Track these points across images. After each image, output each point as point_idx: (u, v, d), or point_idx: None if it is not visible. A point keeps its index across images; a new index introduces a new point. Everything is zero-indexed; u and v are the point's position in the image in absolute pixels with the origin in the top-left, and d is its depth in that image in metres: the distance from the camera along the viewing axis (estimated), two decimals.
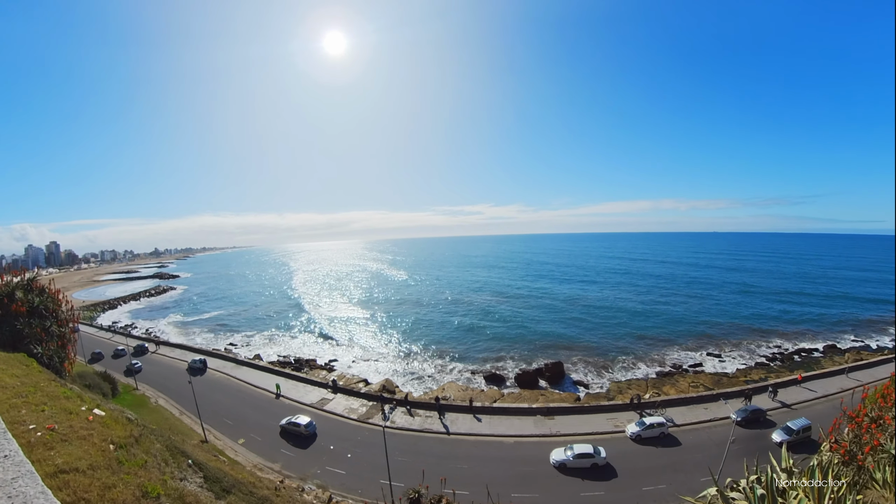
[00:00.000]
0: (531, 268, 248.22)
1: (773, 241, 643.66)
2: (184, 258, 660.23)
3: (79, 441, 8.21)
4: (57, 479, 6.40)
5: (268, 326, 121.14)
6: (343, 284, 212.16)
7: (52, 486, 5.33)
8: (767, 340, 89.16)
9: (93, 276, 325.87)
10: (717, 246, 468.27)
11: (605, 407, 53.97)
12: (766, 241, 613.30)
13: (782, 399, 53.68)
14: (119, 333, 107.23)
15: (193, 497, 8.98)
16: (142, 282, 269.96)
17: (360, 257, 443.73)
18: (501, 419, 51.97)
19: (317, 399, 60.31)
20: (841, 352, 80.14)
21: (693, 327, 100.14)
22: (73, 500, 5.96)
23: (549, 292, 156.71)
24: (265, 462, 43.90)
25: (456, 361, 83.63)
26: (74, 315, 18.39)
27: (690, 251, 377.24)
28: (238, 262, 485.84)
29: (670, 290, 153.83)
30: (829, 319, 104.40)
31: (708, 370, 73.67)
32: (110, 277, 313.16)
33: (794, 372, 66.48)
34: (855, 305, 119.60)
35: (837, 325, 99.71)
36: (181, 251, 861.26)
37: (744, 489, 6.41)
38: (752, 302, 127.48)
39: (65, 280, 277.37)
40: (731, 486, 6.89)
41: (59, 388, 11.68)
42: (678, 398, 55.95)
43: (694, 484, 35.19)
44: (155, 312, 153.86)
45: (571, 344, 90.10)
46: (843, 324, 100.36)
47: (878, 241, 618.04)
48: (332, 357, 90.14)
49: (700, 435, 46.41)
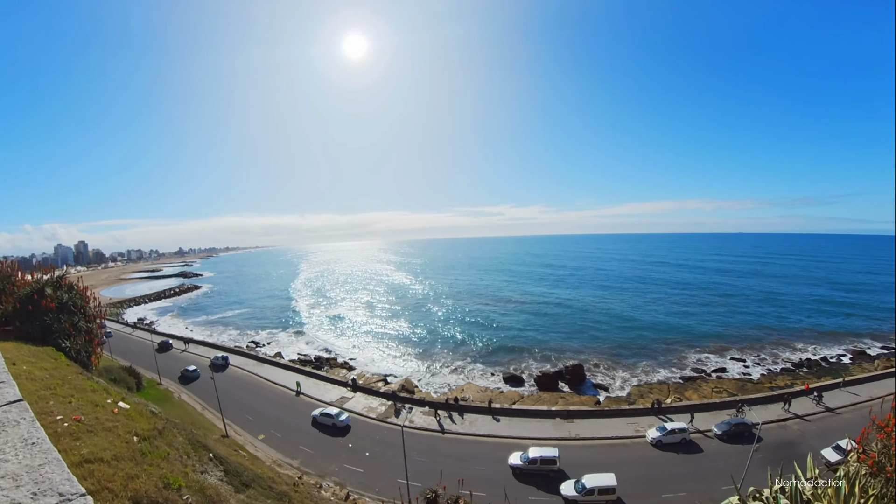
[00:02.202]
0: (552, 270, 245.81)
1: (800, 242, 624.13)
2: (207, 258, 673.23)
3: (104, 432, 8.39)
4: (82, 468, 6.55)
5: (289, 325, 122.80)
6: (362, 285, 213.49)
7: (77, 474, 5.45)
8: (794, 346, 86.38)
9: (119, 275, 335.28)
10: (742, 248, 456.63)
11: (626, 411, 53.20)
12: (794, 242, 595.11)
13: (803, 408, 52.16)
14: (144, 330, 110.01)
15: (214, 490, 9.10)
16: (166, 280, 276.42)
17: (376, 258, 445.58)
18: (520, 421, 51.68)
19: (336, 397, 60.87)
20: (871, 358, 77.26)
21: (716, 332, 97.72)
22: (97, 489, 6.09)
23: (570, 294, 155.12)
24: (284, 458, 44.47)
25: (475, 362, 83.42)
26: (101, 311, 18.88)
27: (715, 253, 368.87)
28: (259, 261, 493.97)
29: (694, 293, 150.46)
30: (858, 325, 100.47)
31: (732, 375, 71.93)
32: (136, 276, 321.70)
33: (822, 378, 64.51)
34: (884, 309, 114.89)
35: (867, 330, 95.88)
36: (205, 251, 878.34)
37: (767, 499, 6.21)
38: (778, 306, 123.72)
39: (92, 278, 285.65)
40: (753, 495, 6.69)
41: (85, 381, 11.98)
42: (701, 403, 54.81)
43: (715, 493, 34.26)
44: (179, 310, 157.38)
45: (592, 347, 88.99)
46: (872, 329, 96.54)
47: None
48: (352, 356, 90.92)
49: (723, 441, 45.39)
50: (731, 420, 47.31)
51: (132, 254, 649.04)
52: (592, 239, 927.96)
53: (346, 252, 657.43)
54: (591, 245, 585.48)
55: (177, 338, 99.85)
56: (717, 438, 45.61)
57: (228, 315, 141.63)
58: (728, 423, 46.80)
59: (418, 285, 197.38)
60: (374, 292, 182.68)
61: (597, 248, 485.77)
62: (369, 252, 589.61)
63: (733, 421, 46.93)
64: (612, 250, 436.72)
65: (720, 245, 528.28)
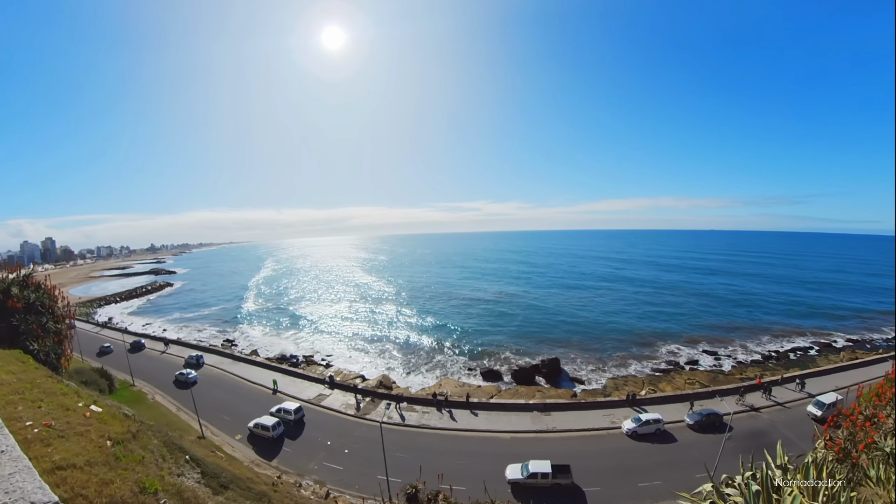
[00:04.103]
0: (528, 266, 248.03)
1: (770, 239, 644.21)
2: (180, 254, 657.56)
3: (76, 437, 8.23)
4: (55, 475, 6.42)
5: (265, 322, 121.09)
6: (337, 281, 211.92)
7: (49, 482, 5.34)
8: (763, 339, 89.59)
9: (89, 273, 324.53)
10: (715, 245, 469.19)
11: (602, 403, 54.27)
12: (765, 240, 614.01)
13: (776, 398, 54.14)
14: (115, 330, 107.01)
15: (191, 492, 8.99)
16: (138, 278, 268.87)
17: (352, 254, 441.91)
18: (499, 415, 52.19)
19: (314, 395, 60.40)
20: (836, 350, 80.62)
21: (688, 326, 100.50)
22: (71, 496, 5.98)
23: (546, 291, 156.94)
24: (262, 458, 43.99)
25: (452, 358, 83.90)
26: (71, 311, 18.34)
27: (688, 250, 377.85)
28: (233, 257, 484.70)
29: (666, 289, 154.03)
30: (825, 318, 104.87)
31: (704, 368, 74.06)
32: (106, 273, 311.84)
33: (790, 370, 67.05)
34: (850, 305, 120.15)
35: (832, 324, 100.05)
36: (178, 247, 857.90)
37: (739, 485, 6.46)
38: (749, 301, 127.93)
39: (61, 276, 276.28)
40: (726, 482, 6.93)
41: (55, 384, 11.68)
42: (674, 395, 56.31)
43: (690, 481, 35.25)
44: (151, 308, 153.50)
45: (568, 341, 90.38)
46: (838, 323, 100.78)
47: (875, 242, 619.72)
48: (329, 353, 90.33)
49: (695, 431, 46.75)
50: (703, 410, 48.74)
51: (102, 250, 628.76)
52: (569, 235, 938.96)
53: (315, 248, 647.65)
54: (567, 241, 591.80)
55: (149, 337, 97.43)
56: (690, 428, 47.00)
57: (204, 313, 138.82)
58: (700, 413, 48.24)
59: (393, 283, 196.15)
60: (349, 290, 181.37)
61: (573, 245, 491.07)
62: (340, 249, 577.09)
63: (705, 411, 48.37)
64: (588, 247, 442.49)
65: (694, 242, 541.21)
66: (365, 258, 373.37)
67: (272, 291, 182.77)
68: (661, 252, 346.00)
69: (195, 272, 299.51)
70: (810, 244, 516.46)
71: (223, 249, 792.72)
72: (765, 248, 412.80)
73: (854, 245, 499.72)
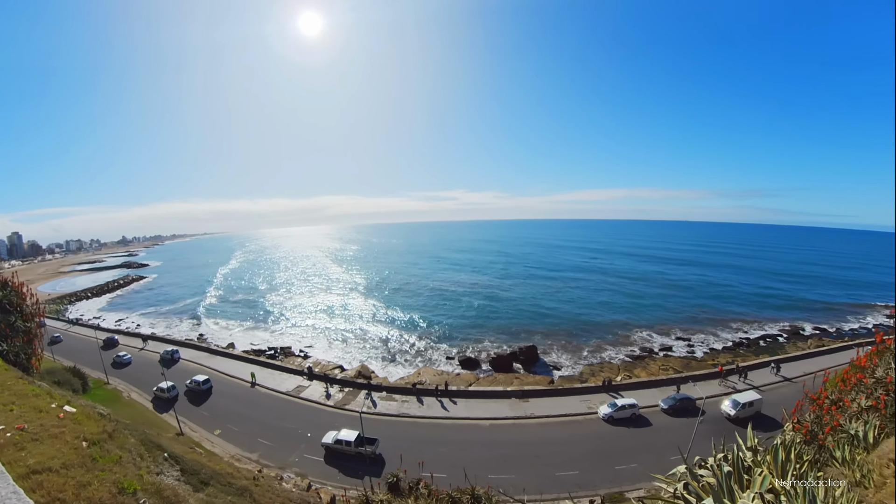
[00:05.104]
0: (504, 256, 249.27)
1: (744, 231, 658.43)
2: (153, 246, 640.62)
3: (50, 440, 8.13)
4: (30, 479, 6.36)
5: (241, 314, 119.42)
6: (309, 272, 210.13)
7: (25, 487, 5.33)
8: (734, 326, 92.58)
9: (58, 268, 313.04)
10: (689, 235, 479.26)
11: (578, 389, 55.46)
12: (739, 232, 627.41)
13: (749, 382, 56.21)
14: (87, 326, 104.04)
15: (171, 490, 9.01)
16: (110, 272, 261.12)
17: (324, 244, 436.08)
18: (478, 402, 52.88)
19: (293, 387, 60.11)
20: (804, 338, 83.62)
21: (663, 314, 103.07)
22: (48, 501, 5.95)
23: (522, 280, 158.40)
24: (242, 452, 43.69)
25: (431, 346, 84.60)
26: (40, 309, 17.85)
27: (663, 240, 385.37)
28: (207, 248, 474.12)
29: (641, 279, 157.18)
30: (794, 309, 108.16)
31: (677, 354, 76.20)
32: (77, 268, 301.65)
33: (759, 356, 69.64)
34: (818, 296, 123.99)
35: (801, 314, 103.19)
36: (150, 239, 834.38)
37: (712, 467, 6.79)
38: (721, 291, 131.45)
39: (29, 272, 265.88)
40: (699, 463, 7.28)
41: (27, 385, 11.46)
42: (649, 381, 57.89)
43: (665, 463, 36.24)
44: (124, 303, 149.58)
45: (545, 329, 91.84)
46: (806, 313, 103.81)
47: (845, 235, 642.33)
48: (308, 344, 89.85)
49: (669, 415, 48.17)
50: (677, 395, 50.37)
51: (72, 244, 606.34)
52: (545, 224, 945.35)
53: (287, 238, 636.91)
54: (543, 231, 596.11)
55: (123, 333, 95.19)
56: (665, 413, 48.46)
57: (179, 306, 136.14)
58: (674, 398, 49.77)
59: (365, 274, 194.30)
60: (325, 281, 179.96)
61: (549, 235, 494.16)
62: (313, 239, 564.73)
63: (678, 396, 49.99)
64: (564, 237, 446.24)
65: (668, 232, 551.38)
66: (337, 248, 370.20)
67: (244, 284, 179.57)
68: (637, 242, 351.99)
69: (168, 264, 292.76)
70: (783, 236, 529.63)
71: (197, 241, 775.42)
72: (738, 239, 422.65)
73: (825, 238, 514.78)
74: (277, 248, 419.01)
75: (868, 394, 8.98)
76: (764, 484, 5.64)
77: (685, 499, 6.05)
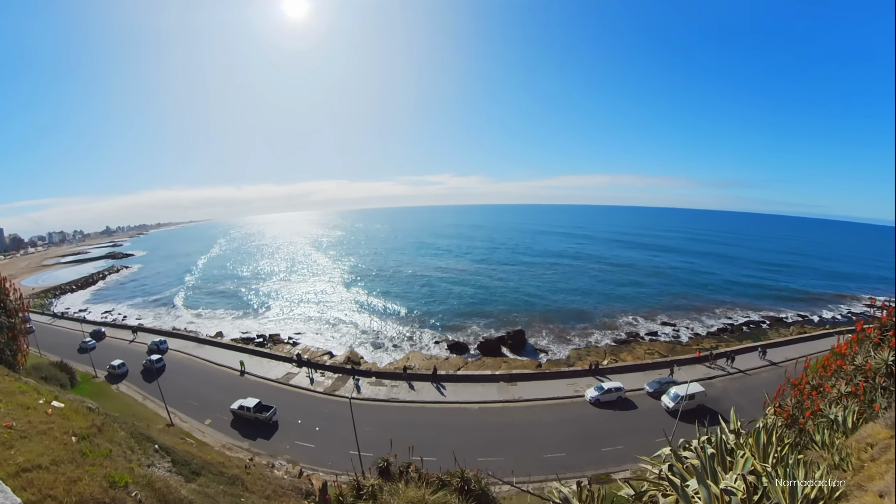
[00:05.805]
0: (490, 242, 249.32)
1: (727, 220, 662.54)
2: (137, 235, 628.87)
3: (39, 436, 8.08)
4: (20, 478, 6.30)
5: (229, 303, 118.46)
6: (292, 259, 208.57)
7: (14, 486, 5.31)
8: (718, 313, 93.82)
9: (41, 261, 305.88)
10: (672, 222, 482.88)
11: (566, 373, 56.33)
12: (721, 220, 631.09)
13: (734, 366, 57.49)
14: (73, 320, 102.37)
15: (163, 482, 9.02)
16: (95, 263, 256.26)
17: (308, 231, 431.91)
18: (466, 386, 53.51)
19: (282, 374, 60.18)
20: (786, 325, 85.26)
21: (648, 300, 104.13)
22: (38, 499, 5.93)
23: (509, 266, 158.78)
24: (233, 441, 43.72)
25: (419, 331, 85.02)
26: (24, 304, 17.53)
27: (647, 227, 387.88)
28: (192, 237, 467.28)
29: (626, 265, 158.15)
30: (776, 297, 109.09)
31: (663, 339, 77.54)
32: (61, 260, 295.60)
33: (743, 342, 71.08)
34: (801, 284, 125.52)
35: (783, 302, 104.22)
36: (134, 228, 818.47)
37: (695, 449, 7.01)
38: (705, 278, 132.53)
39: (11, 267, 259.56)
40: (683, 446, 7.50)
41: (13, 382, 11.32)
42: (635, 364, 58.95)
43: (650, 445, 37.00)
44: (110, 294, 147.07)
45: (532, 314, 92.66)
46: (788, 301, 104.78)
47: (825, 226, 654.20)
48: (296, 331, 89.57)
49: (655, 399, 49.15)
50: (661, 379, 51.52)
51: (54, 236, 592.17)
52: (530, 210, 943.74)
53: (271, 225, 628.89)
54: (528, 216, 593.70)
55: (110, 325, 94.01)
56: (650, 396, 49.47)
57: (164, 295, 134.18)
58: (658, 381, 50.87)
59: (352, 260, 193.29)
60: (312, 267, 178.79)
61: (534, 220, 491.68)
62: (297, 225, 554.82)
63: (663, 380, 51.12)
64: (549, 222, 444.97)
65: (652, 219, 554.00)
66: (320, 234, 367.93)
67: (230, 272, 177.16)
68: (621, 228, 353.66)
69: (154, 254, 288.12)
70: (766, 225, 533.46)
71: (182, 228, 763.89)
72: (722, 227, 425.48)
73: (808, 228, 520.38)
74: (262, 234, 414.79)
75: (848, 380, 9.26)
76: (746, 465, 5.84)
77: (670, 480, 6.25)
